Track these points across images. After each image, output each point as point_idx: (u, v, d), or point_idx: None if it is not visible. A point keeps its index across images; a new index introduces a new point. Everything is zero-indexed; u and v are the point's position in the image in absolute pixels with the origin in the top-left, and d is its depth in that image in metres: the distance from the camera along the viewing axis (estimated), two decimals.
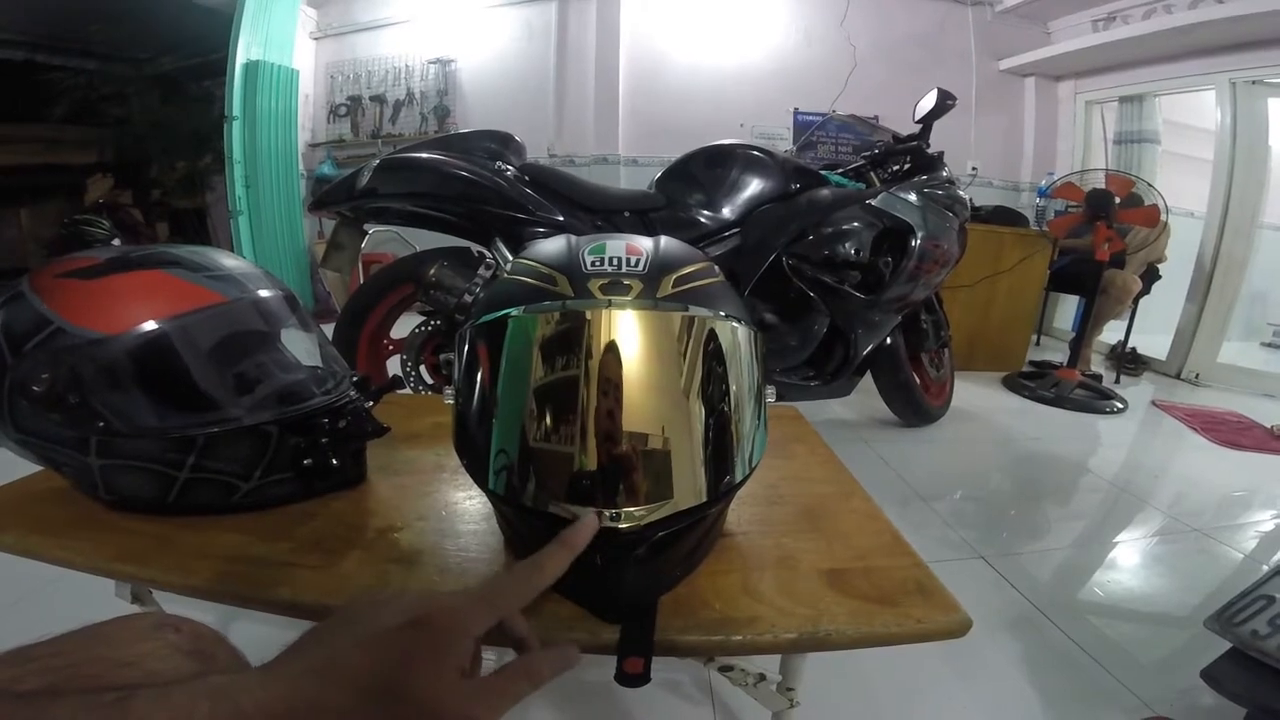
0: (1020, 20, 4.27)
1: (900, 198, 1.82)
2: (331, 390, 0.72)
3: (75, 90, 5.45)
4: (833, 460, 0.87)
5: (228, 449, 0.64)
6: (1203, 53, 3.39)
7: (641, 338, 0.49)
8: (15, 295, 0.61)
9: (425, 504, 0.71)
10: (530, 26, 4.20)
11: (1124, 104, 4.05)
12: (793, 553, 0.63)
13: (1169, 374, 3.52)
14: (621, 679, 0.46)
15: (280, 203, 4.11)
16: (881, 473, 1.92)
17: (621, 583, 0.49)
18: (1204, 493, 1.93)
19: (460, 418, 0.56)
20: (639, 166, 4.17)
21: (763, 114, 4.19)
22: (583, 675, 1.03)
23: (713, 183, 1.82)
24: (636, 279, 0.52)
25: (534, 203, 1.62)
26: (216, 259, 0.69)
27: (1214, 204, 3.39)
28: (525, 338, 0.50)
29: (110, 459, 0.62)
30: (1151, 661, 1.16)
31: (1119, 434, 2.53)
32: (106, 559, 0.60)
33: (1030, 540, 1.59)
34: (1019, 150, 4.49)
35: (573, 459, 0.48)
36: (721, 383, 0.52)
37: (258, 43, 3.87)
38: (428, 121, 4.40)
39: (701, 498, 0.51)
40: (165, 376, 0.61)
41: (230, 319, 0.66)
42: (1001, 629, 1.21)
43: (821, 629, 0.52)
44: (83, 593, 0.73)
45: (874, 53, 4.20)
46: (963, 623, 0.54)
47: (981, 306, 3.19)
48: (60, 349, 0.58)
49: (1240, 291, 3.44)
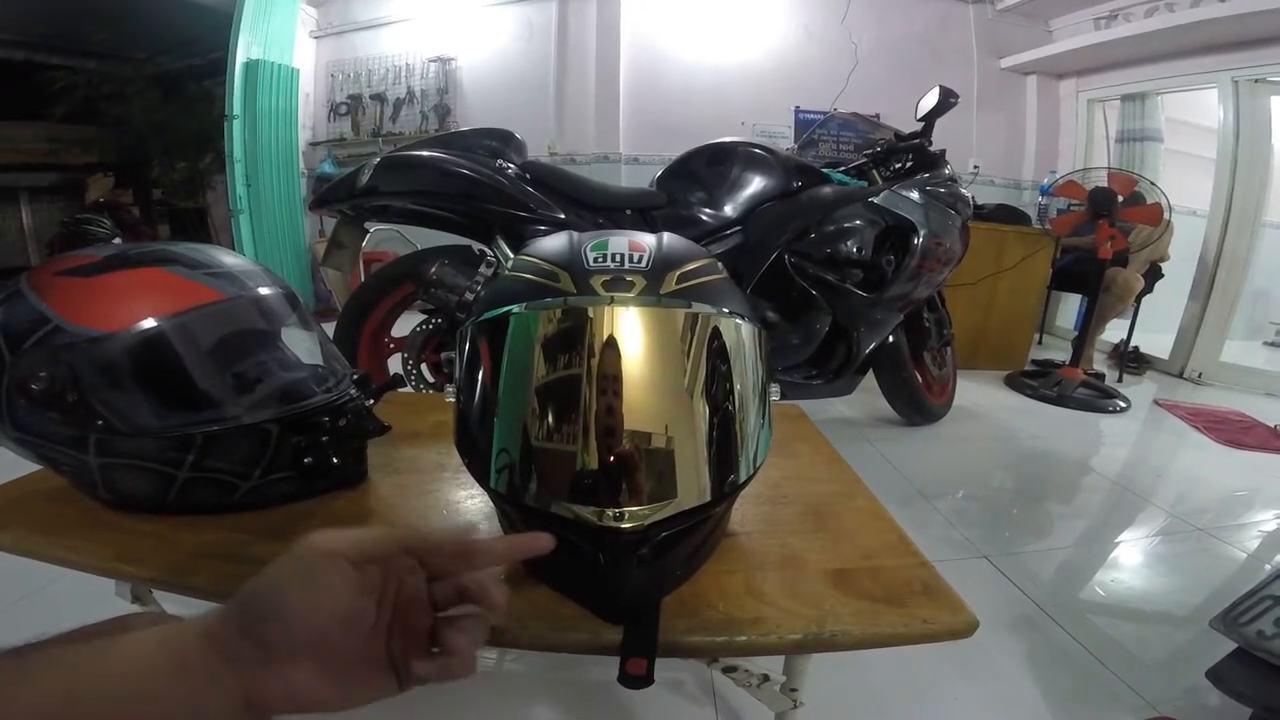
0: (1022, 18, 4.26)
1: (903, 196, 1.82)
2: (332, 388, 0.71)
3: (75, 90, 5.44)
4: (837, 459, 0.86)
5: (228, 448, 0.63)
6: (1205, 51, 3.37)
7: (645, 335, 0.48)
8: (13, 293, 0.61)
9: (426, 503, 0.71)
10: (531, 25, 4.19)
11: (1126, 102, 4.04)
12: (797, 552, 0.62)
13: (1172, 373, 3.51)
14: (625, 680, 0.45)
15: (281, 202, 4.11)
16: (884, 471, 1.91)
17: (625, 583, 0.49)
18: (1207, 492, 1.92)
19: (462, 416, 0.55)
20: (640, 165, 4.16)
21: (764, 112, 4.18)
22: (583, 675, 1.03)
23: (714, 181, 1.81)
24: (640, 275, 0.51)
25: (535, 201, 1.62)
26: (216, 256, 0.68)
27: (1217, 202, 3.38)
28: (527, 335, 0.50)
29: (109, 458, 0.61)
30: (1155, 661, 1.15)
31: (1122, 433, 2.52)
32: (106, 558, 0.59)
33: (1033, 539, 1.59)
34: (1021, 148, 4.48)
35: (575, 458, 0.47)
36: (726, 380, 0.52)
37: (258, 42, 3.86)
38: (428, 120, 4.39)
39: (705, 497, 0.50)
40: (164, 374, 0.60)
41: (230, 317, 0.65)
42: (1004, 628, 1.20)
43: (827, 630, 0.52)
44: (83, 592, 0.72)
45: (875, 50, 4.18)
46: (970, 623, 0.53)
47: (984, 305, 3.18)
48: (58, 347, 0.57)
49: (1243, 290, 3.43)
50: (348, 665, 0.36)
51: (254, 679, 0.33)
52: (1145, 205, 2.82)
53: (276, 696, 0.33)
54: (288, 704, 0.34)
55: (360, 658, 0.36)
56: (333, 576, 0.35)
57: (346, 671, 0.36)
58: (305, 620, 0.34)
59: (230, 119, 3.81)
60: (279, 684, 0.33)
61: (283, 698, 0.33)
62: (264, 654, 0.33)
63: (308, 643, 0.34)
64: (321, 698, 0.34)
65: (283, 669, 0.33)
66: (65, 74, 5.45)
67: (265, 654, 0.33)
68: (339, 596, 0.35)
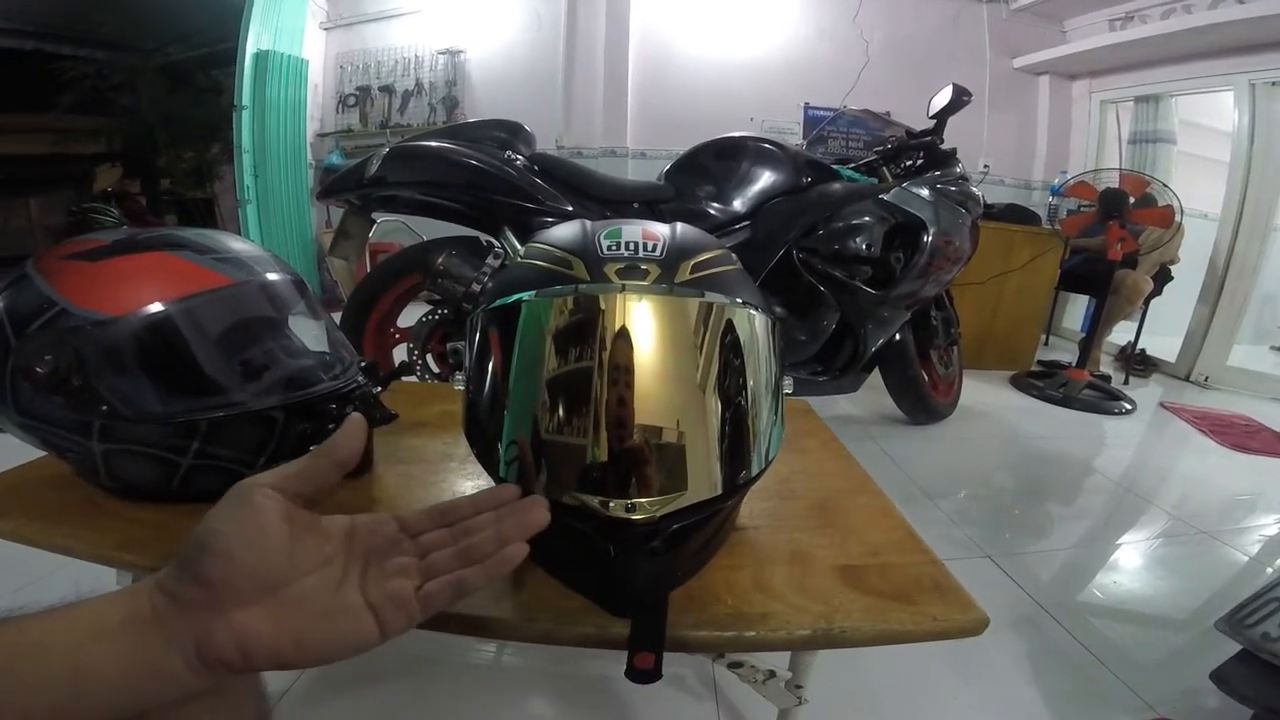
0: (1035, 18, 4.24)
1: (913, 193, 1.81)
2: (339, 376, 0.71)
3: (84, 79, 5.43)
4: (845, 455, 0.86)
5: (233, 435, 0.63)
6: (1222, 53, 3.35)
7: (658, 324, 0.48)
8: (20, 276, 0.60)
9: (432, 493, 0.70)
10: (539, 17, 4.18)
11: (1140, 104, 4.02)
12: (806, 548, 0.61)
13: (1178, 376, 3.49)
14: (632, 675, 0.45)
15: (288, 192, 4.11)
16: (888, 470, 1.90)
17: (634, 575, 0.48)
18: (1211, 495, 1.92)
19: (471, 405, 0.55)
20: (647, 159, 4.16)
21: (773, 108, 4.17)
22: (582, 669, 1.03)
23: (723, 175, 1.80)
24: (654, 264, 0.50)
25: (543, 192, 1.61)
26: (224, 241, 0.67)
27: (1229, 206, 3.36)
28: (538, 323, 0.49)
29: (113, 444, 0.60)
30: (1156, 662, 1.15)
31: (1127, 435, 2.51)
32: (107, 546, 0.59)
33: (1036, 540, 1.58)
34: (1032, 148, 4.46)
35: (586, 449, 0.47)
36: (739, 372, 0.51)
37: (268, 32, 3.86)
38: (436, 112, 4.38)
39: (717, 490, 0.49)
40: (170, 359, 0.60)
41: (237, 302, 0.64)
42: (1007, 628, 1.20)
43: (836, 626, 0.51)
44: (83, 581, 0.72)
45: (886, 48, 4.17)
46: (980, 621, 0.53)
47: (991, 305, 3.17)
48: (64, 330, 0.56)
49: (1252, 294, 3.40)
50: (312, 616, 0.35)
51: (203, 626, 0.32)
52: (1156, 207, 2.80)
53: (226, 646, 0.33)
54: (237, 654, 0.33)
55: (330, 609, 0.36)
56: (260, 501, 0.35)
57: (310, 623, 0.35)
58: (237, 548, 0.33)
59: (239, 109, 3.81)
60: (227, 633, 0.33)
61: (232, 647, 0.33)
62: (208, 593, 0.33)
63: (247, 575, 0.34)
64: (275, 649, 0.34)
65: (230, 613, 0.33)
66: (74, 64, 5.45)
67: (209, 593, 0.33)
68: (268, 522, 0.35)
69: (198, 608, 0.33)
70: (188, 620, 0.32)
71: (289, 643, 0.34)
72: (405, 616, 0.37)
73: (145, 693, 0.32)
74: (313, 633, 0.35)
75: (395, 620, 0.37)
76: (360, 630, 0.36)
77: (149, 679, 0.32)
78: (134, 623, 0.32)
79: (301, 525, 0.37)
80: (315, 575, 0.36)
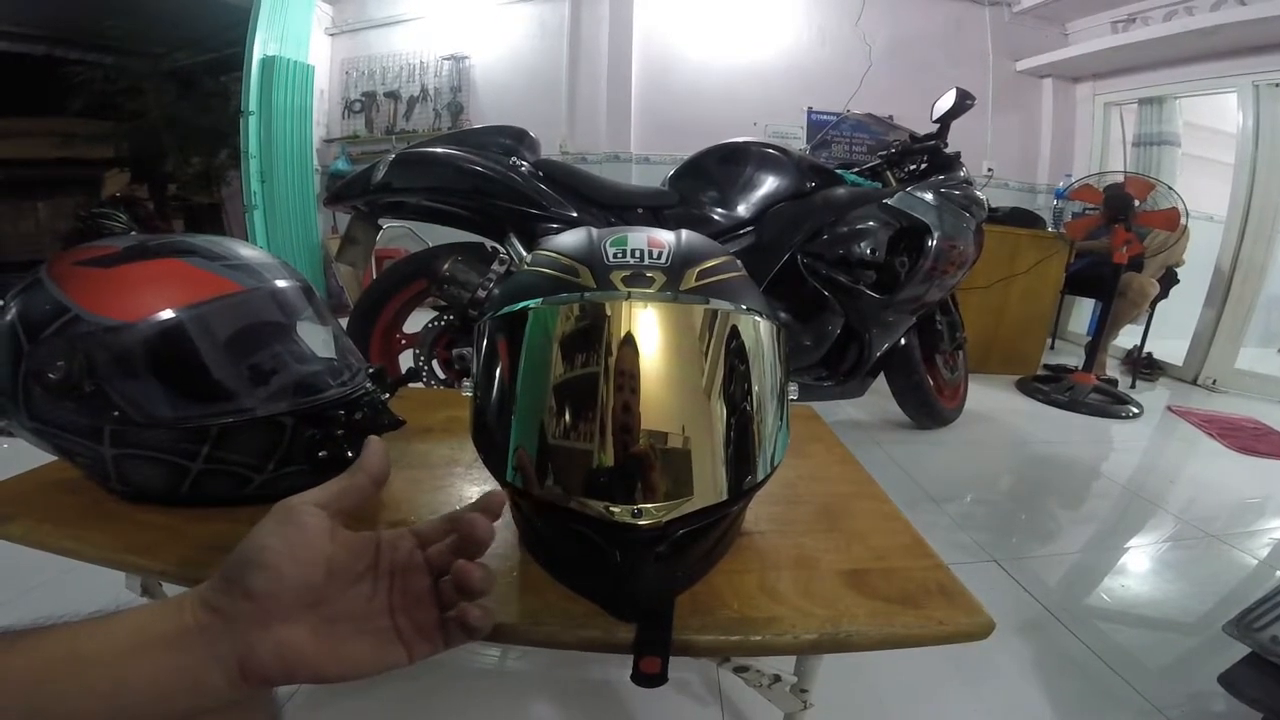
0: (1038, 21, 4.23)
1: (917, 197, 1.81)
2: (347, 382, 0.71)
3: (92, 84, 5.49)
4: (850, 460, 0.86)
5: (242, 440, 0.63)
6: (1225, 55, 3.34)
7: (664, 331, 0.48)
8: (33, 282, 0.61)
9: (439, 498, 0.71)
10: (543, 24, 4.21)
11: (1144, 106, 4.01)
12: (811, 552, 0.62)
13: (1185, 379, 3.48)
14: (638, 679, 0.45)
15: (295, 198, 4.14)
16: (893, 474, 1.90)
17: (640, 580, 0.48)
18: (1218, 498, 1.90)
19: (479, 411, 0.55)
20: (651, 164, 4.16)
21: (776, 113, 4.17)
22: (586, 674, 1.03)
23: (727, 180, 1.81)
24: (659, 271, 0.51)
25: (548, 198, 1.62)
26: (234, 248, 0.68)
27: (1234, 208, 3.34)
28: (545, 330, 0.50)
29: (124, 449, 0.61)
30: (1163, 666, 1.14)
31: (1133, 439, 2.50)
32: (116, 550, 0.59)
33: (1042, 544, 1.58)
34: (1035, 151, 4.45)
35: (592, 454, 0.47)
36: (745, 378, 0.51)
37: (274, 38, 3.89)
38: (441, 118, 4.41)
39: (722, 495, 0.50)
40: (181, 365, 0.60)
41: (246, 309, 0.65)
42: (1013, 633, 1.19)
43: (842, 630, 0.51)
44: (93, 585, 0.72)
45: (889, 52, 4.16)
46: (985, 625, 0.53)
47: (996, 309, 3.16)
48: (76, 336, 0.57)
49: (1259, 297, 3.38)
50: (347, 633, 0.36)
51: (246, 640, 0.33)
52: (1162, 210, 2.79)
53: (268, 660, 0.33)
54: (280, 667, 0.34)
55: (363, 628, 0.37)
56: (306, 519, 0.36)
57: (346, 639, 0.36)
58: (285, 563, 0.34)
59: (246, 115, 3.84)
60: (270, 646, 0.33)
61: (275, 661, 0.33)
62: (253, 606, 0.33)
63: (293, 590, 0.34)
64: (315, 665, 0.35)
65: (274, 628, 0.34)
66: (83, 69, 5.49)
67: (254, 606, 0.33)
68: (315, 537, 0.36)
69: (243, 621, 0.33)
70: (232, 634, 0.33)
71: (329, 657, 0.35)
72: (430, 646, 0.39)
73: (184, 705, 0.33)
74: (349, 647, 0.36)
75: (421, 649, 0.39)
76: (391, 652, 0.38)
77: (189, 692, 0.32)
78: (177, 636, 0.33)
79: (340, 543, 0.38)
80: (351, 591, 0.38)
